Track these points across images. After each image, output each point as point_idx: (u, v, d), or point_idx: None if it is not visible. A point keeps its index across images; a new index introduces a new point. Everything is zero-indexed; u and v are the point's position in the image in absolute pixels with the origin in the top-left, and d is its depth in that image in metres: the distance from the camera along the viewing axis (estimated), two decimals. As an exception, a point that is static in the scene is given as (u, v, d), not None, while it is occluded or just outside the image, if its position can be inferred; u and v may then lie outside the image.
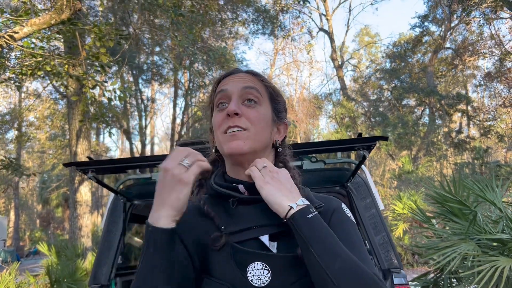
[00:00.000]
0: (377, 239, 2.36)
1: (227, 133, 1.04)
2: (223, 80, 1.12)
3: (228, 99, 1.07)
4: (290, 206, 0.94)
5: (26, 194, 39.55)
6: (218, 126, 1.06)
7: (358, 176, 2.50)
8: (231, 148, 1.03)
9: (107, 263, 2.54)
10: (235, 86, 1.07)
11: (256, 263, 0.98)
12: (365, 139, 1.95)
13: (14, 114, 23.06)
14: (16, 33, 3.27)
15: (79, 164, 2.17)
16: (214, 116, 1.09)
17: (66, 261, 8.49)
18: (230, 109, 1.03)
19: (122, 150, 36.38)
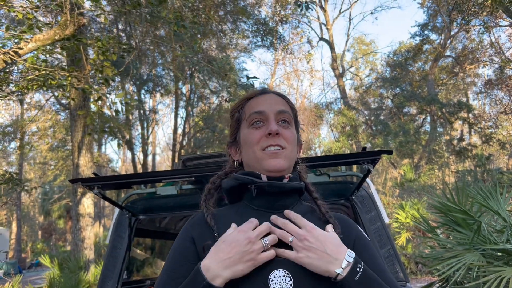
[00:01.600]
0: (383, 252, 2.35)
1: (266, 151, 1.09)
2: (253, 98, 1.17)
3: (264, 119, 1.13)
4: (337, 273, 0.98)
5: (28, 206, 39.51)
6: (256, 143, 1.11)
7: (362, 189, 2.51)
8: (273, 165, 1.08)
9: (113, 279, 2.54)
10: (271, 108, 1.13)
11: (278, 270, 1.00)
12: (369, 153, 1.96)
13: (16, 126, 23.13)
14: (21, 49, 3.30)
15: (85, 180, 2.19)
16: (249, 133, 1.13)
17: (69, 273, 8.47)
18: (272, 129, 1.09)
19: (124, 160, 36.41)
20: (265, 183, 1.09)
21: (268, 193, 1.10)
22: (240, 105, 1.19)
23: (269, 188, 1.09)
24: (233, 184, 1.14)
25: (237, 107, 1.20)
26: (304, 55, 22.07)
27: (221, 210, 1.17)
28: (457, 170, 21.41)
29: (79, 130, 9.35)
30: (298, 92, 27.60)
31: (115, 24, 13.14)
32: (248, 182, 1.10)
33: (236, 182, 1.13)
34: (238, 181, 1.13)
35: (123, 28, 13.24)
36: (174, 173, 2.22)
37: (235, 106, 1.22)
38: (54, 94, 6.67)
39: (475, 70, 24.42)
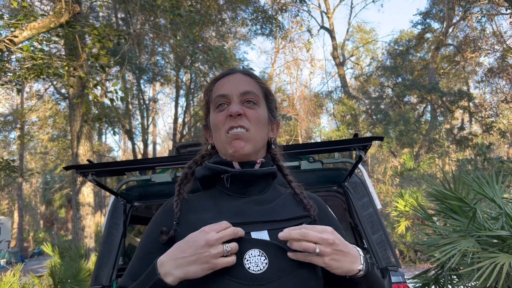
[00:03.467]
0: (375, 238, 2.38)
1: (229, 133, 1.07)
2: (220, 80, 1.14)
3: (228, 101, 1.10)
4: (359, 269, 1.00)
5: (30, 195, 39.70)
6: (221, 126, 1.09)
7: (355, 175, 2.53)
8: (235, 148, 1.07)
9: (109, 265, 2.57)
10: (235, 89, 1.10)
11: (253, 250, 0.99)
12: (360, 140, 1.97)
13: (16, 115, 23.14)
14: (16, 37, 3.29)
15: (79, 167, 2.20)
16: (214, 116, 1.11)
17: (70, 262, 8.54)
18: (233, 111, 1.06)
19: (125, 150, 36.46)
20: (237, 172, 1.08)
21: (241, 179, 1.10)
22: (209, 88, 1.17)
23: (241, 175, 1.09)
24: (205, 173, 1.13)
25: (207, 89, 1.18)
26: (304, 44, 21.97)
27: (196, 195, 1.16)
28: (458, 159, 21.43)
29: (78, 119, 9.36)
30: (298, 81, 27.53)
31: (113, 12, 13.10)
32: (220, 171, 1.10)
33: (208, 171, 1.12)
34: (210, 170, 1.12)
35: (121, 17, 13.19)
36: (168, 160, 2.23)
37: (205, 88, 1.19)
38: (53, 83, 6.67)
39: (476, 58, 24.32)
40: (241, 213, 1.06)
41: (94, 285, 2.58)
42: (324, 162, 2.51)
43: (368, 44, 31.87)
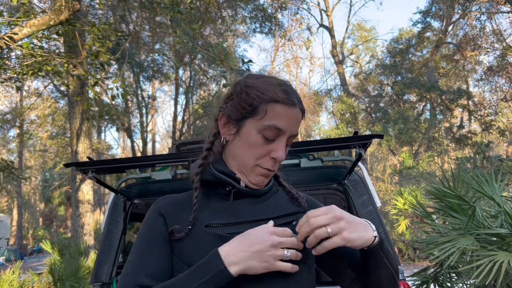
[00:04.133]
0: (375, 235, 2.38)
1: (260, 167, 1.06)
2: (283, 106, 1.04)
3: (277, 136, 1.05)
4: (374, 236, 1.00)
5: (29, 193, 39.69)
6: (257, 157, 1.06)
7: (355, 173, 2.53)
8: (259, 183, 1.08)
9: (108, 262, 2.58)
10: (290, 129, 1.06)
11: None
12: (361, 137, 1.98)
13: (15, 113, 23.11)
14: (16, 34, 3.28)
15: (79, 164, 2.20)
16: (256, 141, 1.05)
17: (69, 259, 8.54)
18: (280, 157, 1.05)
19: (124, 148, 36.47)
20: (243, 190, 1.09)
21: (244, 195, 1.11)
22: (266, 98, 1.04)
23: (246, 193, 1.10)
24: (209, 179, 1.11)
25: (261, 96, 1.04)
26: (303, 42, 21.96)
27: (188, 193, 1.17)
28: (457, 157, 21.45)
29: (77, 117, 9.36)
30: (298, 79, 27.51)
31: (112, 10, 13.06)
32: (226, 184, 1.09)
33: (213, 178, 1.10)
34: (215, 178, 1.10)
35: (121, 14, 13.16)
36: (167, 158, 2.24)
37: (260, 91, 1.05)
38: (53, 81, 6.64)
39: (476, 57, 24.32)
40: (235, 213, 1.08)
41: (94, 282, 2.58)
42: (324, 160, 2.51)
43: (368, 43, 31.89)
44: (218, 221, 1.05)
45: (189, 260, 1.00)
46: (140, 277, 1.00)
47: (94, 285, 2.58)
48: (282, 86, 1.07)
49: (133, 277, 1.01)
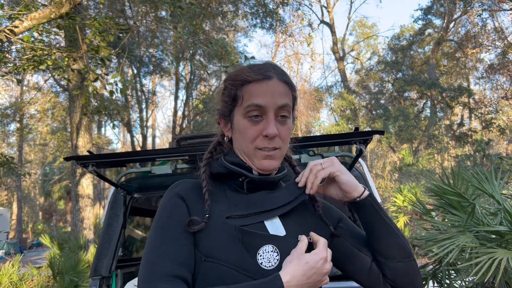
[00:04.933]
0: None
1: (261, 150, 1.06)
2: (255, 83, 1.06)
3: (263, 113, 1.05)
4: (364, 188, 1.12)
5: (29, 187, 39.71)
6: (251, 140, 1.06)
7: (355, 169, 2.53)
8: (265, 166, 1.07)
9: (108, 256, 2.57)
10: (272, 101, 1.04)
11: (267, 245, 1.01)
12: (361, 133, 1.97)
13: (15, 107, 23.10)
14: (16, 27, 3.28)
15: (79, 158, 2.20)
16: (244, 126, 1.06)
17: (69, 253, 8.56)
18: (270, 132, 1.03)
19: (124, 143, 36.47)
20: (256, 178, 1.08)
21: (258, 184, 1.10)
22: (239, 83, 1.07)
23: (259, 181, 1.09)
24: (221, 171, 1.11)
25: (235, 83, 1.08)
26: (304, 38, 21.92)
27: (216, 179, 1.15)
28: (457, 155, 21.46)
29: (78, 111, 9.36)
30: (299, 75, 27.46)
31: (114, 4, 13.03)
32: (239, 175, 1.09)
33: (225, 170, 1.10)
34: (227, 170, 1.10)
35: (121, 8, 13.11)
36: (168, 152, 2.23)
37: (232, 78, 1.09)
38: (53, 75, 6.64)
39: (477, 54, 24.29)
40: (253, 205, 1.07)
41: (93, 276, 2.58)
42: (324, 156, 2.51)
43: (369, 39, 31.83)
44: (237, 212, 1.05)
45: (208, 252, 0.99)
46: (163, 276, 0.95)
47: (94, 278, 2.58)
48: (252, 67, 1.08)
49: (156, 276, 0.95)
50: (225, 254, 0.98)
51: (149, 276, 0.95)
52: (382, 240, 1.11)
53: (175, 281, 0.94)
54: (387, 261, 1.11)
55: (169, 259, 0.97)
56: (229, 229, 1.01)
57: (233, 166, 1.09)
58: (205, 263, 0.98)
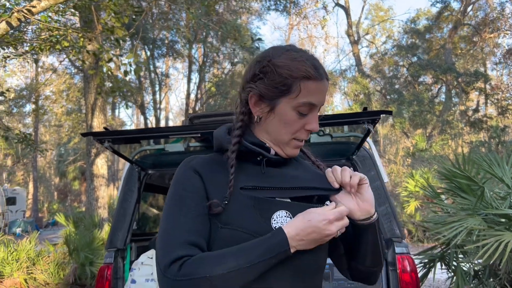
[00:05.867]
0: (381, 210, 2.44)
1: (296, 140, 1.13)
2: (314, 81, 1.08)
3: (312, 110, 1.11)
4: (375, 211, 1.15)
5: (44, 167, 40.36)
6: (294, 131, 1.11)
7: (364, 149, 2.57)
8: (294, 154, 1.16)
9: (123, 229, 2.67)
10: (321, 101, 1.12)
11: (281, 211, 1.07)
12: (369, 113, 2.02)
13: (31, 89, 23.37)
14: (34, 7, 3.36)
15: (96, 134, 2.28)
16: (292, 117, 1.10)
17: (84, 231, 8.76)
18: (315, 129, 1.12)
19: (137, 125, 36.72)
20: (273, 158, 1.14)
21: (274, 162, 1.16)
22: (299, 76, 1.07)
23: (275, 161, 1.15)
24: (242, 149, 1.15)
25: (294, 74, 1.08)
26: (318, 21, 21.71)
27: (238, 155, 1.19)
28: (471, 141, 21.25)
29: (92, 92, 9.48)
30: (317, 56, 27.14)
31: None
32: (257, 153, 1.14)
33: (245, 149, 1.14)
34: (247, 149, 1.14)
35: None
36: (181, 129, 2.30)
37: (290, 68, 1.08)
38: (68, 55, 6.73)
39: (494, 39, 23.83)
40: (268, 179, 1.13)
41: (109, 248, 2.69)
42: (334, 136, 2.56)
43: (384, 23, 31.37)
44: (251, 184, 1.10)
45: (226, 220, 1.05)
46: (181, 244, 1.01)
47: (109, 250, 2.69)
48: (311, 61, 1.10)
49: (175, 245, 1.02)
50: (240, 220, 1.05)
51: (166, 245, 1.02)
52: (368, 256, 1.16)
53: (191, 248, 1.01)
54: (358, 265, 1.19)
55: (184, 229, 1.04)
56: (244, 199, 1.07)
57: (254, 147, 1.13)
58: (221, 230, 1.05)
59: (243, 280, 0.98)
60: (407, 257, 2.37)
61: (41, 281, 7.64)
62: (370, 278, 1.21)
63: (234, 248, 1.01)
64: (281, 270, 1.05)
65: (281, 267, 1.04)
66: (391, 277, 2.41)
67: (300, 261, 1.06)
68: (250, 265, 0.97)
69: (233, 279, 0.97)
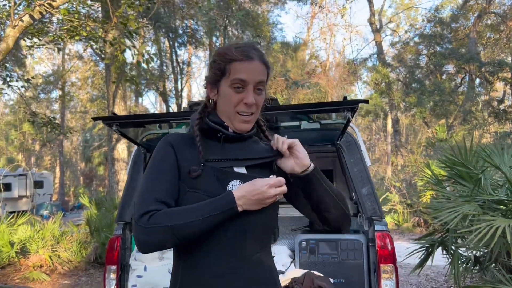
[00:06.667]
0: (363, 191, 2.65)
1: (239, 115, 1.35)
2: (240, 62, 1.33)
3: (244, 85, 1.33)
4: (310, 163, 1.39)
5: (70, 152, 41.45)
6: (234, 105, 1.34)
7: (349, 135, 2.78)
8: (241, 128, 1.38)
9: (131, 205, 2.97)
10: (252, 77, 1.33)
11: (235, 180, 1.34)
12: (349, 102, 2.22)
13: (57, 75, 24.06)
14: (54, 1, 3.64)
15: (105, 118, 2.56)
16: (229, 93, 1.34)
17: (105, 212, 9.16)
18: (249, 101, 1.33)
19: (160, 112, 37.24)
20: (230, 134, 1.39)
21: (231, 139, 1.41)
22: (227, 60, 1.34)
23: (233, 137, 1.40)
24: (205, 127, 1.40)
25: (223, 59, 1.35)
26: (338, 10, 21.62)
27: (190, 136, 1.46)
28: (496, 132, 20.93)
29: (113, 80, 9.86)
30: (334, 46, 27.16)
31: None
32: (217, 131, 1.39)
33: (207, 126, 1.40)
34: (208, 126, 1.39)
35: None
36: (181, 115, 2.55)
37: (221, 55, 1.36)
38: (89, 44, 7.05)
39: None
40: (226, 153, 1.39)
41: (118, 221, 2.99)
42: (322, 123, 2.77)
43: (409, 11, 30.90)
44: (214, 157, 1.36)
45: (193, 185, 1.31)
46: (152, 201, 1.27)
47: (118, 223, 2.99)
48: (242, 48, 1.37)
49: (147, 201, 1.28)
50: (203, 186, 1.31)
51: (141, 201, 1.29)
52: (325, 202, 1.41)
53: (159, 204, 1.27)
54: (326, 213, 1.43)
55: (156, 189, 1.30)
56: (207, 168, 1.34)
57: (214, 124, 1.39)
58: (188, 193, 1.31)
59: (196, 230, 1.24)
60: (386, 234, 2.58)
61: (65, 259, 8.06)
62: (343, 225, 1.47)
63: (194, 205, 1.27)
64: (234, 229, 1.30)
65: (233, 227, 1.29)
66: (371, 252, 2.64)
67: (249, 221, 1.31)
68: (202, 218, 1.23)
69: (189, 229, 1.23)
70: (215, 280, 1.29)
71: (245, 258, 1.32)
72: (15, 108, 28.44)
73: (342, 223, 1.47)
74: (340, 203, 1.43)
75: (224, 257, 1.30)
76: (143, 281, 2.71)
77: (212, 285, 1.29)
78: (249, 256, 1.33)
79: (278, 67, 18.48)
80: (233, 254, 1.31)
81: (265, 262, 1.38)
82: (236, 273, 1.30)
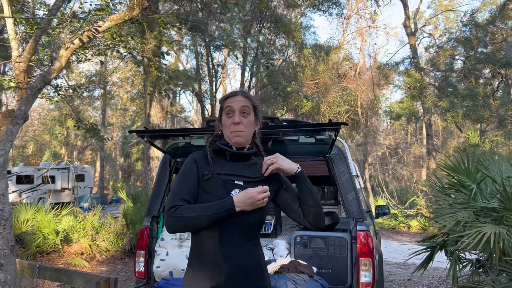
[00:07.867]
0: (349, 197, 3.16)
1: (232, 133, 1.88)
2: (229, 98, 1.93)
3: (233, 111, 1.89)
4: (298, 167, 1.92)
5: (110, 148, 43.02)
6: (228, 127, 1.89)
7: (338, 148, 3.28)
8: (236, 141, 1.90)
9: (158, 201, 3.59)
10: (237, 105, 1.89)
11: (236, 189, 1.87)
12: (333, 124, 2.73)
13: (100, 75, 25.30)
14: (100, 27, 4.29)
15: (138, 132, 3.18)
16: (225, 119, 1.91)
17: (140, 207, 9.86)
18: (235, 121, 1.87)
19: (196, 111, 38.19)
20: (233, 152, 1.93)
21: (236, 156, 1.96)
22: (223, 99, 1.95)
23: (236, 154, 1.95)
24: (215, 148, 1.96)
25: (221, 99, 1.97)
26: (370, 15, 21.74)
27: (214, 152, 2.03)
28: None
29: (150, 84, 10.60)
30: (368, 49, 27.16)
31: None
32: (224, 150, 1.93)
33: (218, 147, 1.94)
34: (219, 147, 1.93)
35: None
36: (200, 130, 3.14)
37: (221, 98, 1.98)
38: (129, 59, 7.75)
39: None
40: (231, 169, 1.94)
41: (147, 214, 3.63)
42: (317, 138, 3.29)
43: (447, 12, 30.52)
44: (223, 172, 1.90)
45: (208, 191, 1.84)
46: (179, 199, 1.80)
47: (147, 216, 3.63)
48: (229, 92, 1.99)
49: (175, 199, 1.81)
50: (214, 191, 1.86)
51: (172, 198, 1.84)
52: (306, 196, 1.93)
53: (183, 202, 1.82)
54: (306, 207, 1.93)
55: (183, 191, 1.85)
56: (219, 180, 1.89)
57: (222, 145, 1.94)
58: (204, 195, 1.86)
59: (205, 222, 1.76)
60: (366, 233, 3.07)
61: (103, 248, 8.79)
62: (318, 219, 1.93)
63: (206, 204, 1.80)
64: (232, 226, 1.83)
65: (231, 223, 1.82)
66: (353, 247, 3.14)
67: (244, 219, 1.81)
68: (208, 213, 1.75)
69: (199, 220, 1.76)
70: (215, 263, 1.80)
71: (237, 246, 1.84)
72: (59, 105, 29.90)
73: (319, 217, 1.93)
74: (317, 201, 1.93)
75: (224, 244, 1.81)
76: (165, 264, 3.33)
77: (215, 264, 1.79)
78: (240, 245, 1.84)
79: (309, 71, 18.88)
80: (229, 242, 1.82)
81: (253, 250, 1.90)
82: (233, 256, 1.82)
